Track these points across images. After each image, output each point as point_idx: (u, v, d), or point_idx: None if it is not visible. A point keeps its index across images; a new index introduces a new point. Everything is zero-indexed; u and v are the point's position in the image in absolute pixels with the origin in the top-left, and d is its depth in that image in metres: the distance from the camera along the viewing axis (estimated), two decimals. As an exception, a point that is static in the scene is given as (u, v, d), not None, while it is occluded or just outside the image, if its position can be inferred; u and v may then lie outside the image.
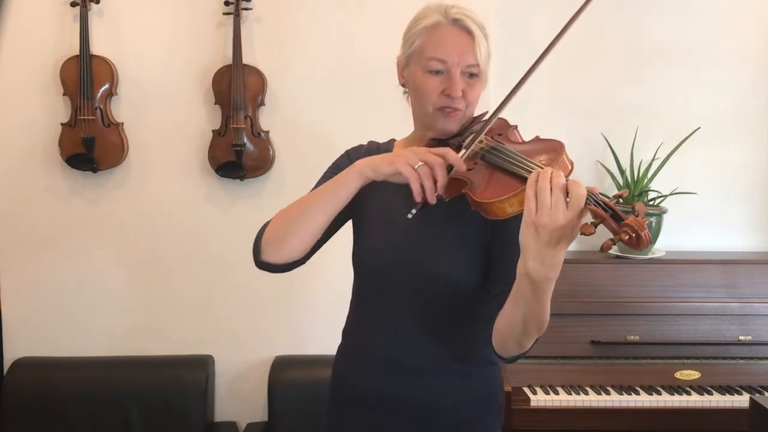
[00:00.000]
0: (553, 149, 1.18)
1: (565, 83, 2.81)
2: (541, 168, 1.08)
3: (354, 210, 1.43)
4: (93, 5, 2.43)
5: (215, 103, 2.49)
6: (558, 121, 2.82)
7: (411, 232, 1.35)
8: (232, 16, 2.43)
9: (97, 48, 2.47)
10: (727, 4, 2.82)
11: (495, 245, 1.32)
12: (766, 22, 2.84)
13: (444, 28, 1.32)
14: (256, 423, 2.60)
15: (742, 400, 2.31)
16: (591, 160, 2.85)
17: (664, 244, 2.77)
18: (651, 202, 2.72)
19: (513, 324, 1.16)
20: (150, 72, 2.51)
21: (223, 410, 2.65)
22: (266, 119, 2.53)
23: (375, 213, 1.42)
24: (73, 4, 2.41)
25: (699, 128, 2.74)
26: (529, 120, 2.83)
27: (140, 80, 2.51)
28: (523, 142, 1.29)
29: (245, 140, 2.46)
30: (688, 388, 2.39)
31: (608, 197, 1.05)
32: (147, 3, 2.49)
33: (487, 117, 1.33)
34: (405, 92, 1.46)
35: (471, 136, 1.30)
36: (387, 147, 1.50)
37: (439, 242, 1.35)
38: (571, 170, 1.14)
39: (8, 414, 2.43)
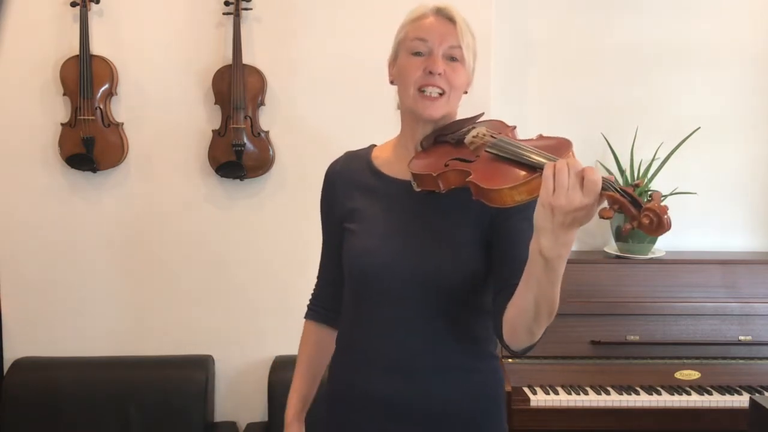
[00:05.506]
0: (561, 145, 1.19)
1: (566, 83, 2.81)
2: (553, 158, 1.09)
3: (345, 220, 1.45)
4: (93, 5, 2.43)
5: (215, 103, 2.49)
6: (558, 121, 2.82)
7: (407, 230, 1.36)
8: (232, 16, 2.43)
9: (97, 48, 2.47)
10: (726, 5, 2.81)
11: (499, 241, 1.33)
12: (765, 22, 2.84)
13: (428, 16, 1.39)
14: (256, 423, 2.60)
15: (741, 400, 2.31)
16: (591, 160, 2.84)
17: (664, 244, 2.76)
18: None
19: (525, 310, 1.16)
20: (150, 72, 2.51)
21: (223, 410, 2.64)
22: (266, 119, 2.53)
23: (366, 217, 1.42)
24: (73, 4, 2.41)
25: (699, 128, 2.74)
26: (529, 120, 2.84)
27: (140, 80, 2.51)
28: (527, 140, 1.31)
29: (245, 140, 2.47)
30: (688, 388, 2.39)
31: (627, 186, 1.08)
32: (147, 3, 2.49)
33: (481, 119, 1.38)
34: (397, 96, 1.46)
35: (470, 129, 1.34)
36: (366, 153, 1.51)
37: (435, 238, 1.35)
38: None
39: (8, 414, 2.43)
